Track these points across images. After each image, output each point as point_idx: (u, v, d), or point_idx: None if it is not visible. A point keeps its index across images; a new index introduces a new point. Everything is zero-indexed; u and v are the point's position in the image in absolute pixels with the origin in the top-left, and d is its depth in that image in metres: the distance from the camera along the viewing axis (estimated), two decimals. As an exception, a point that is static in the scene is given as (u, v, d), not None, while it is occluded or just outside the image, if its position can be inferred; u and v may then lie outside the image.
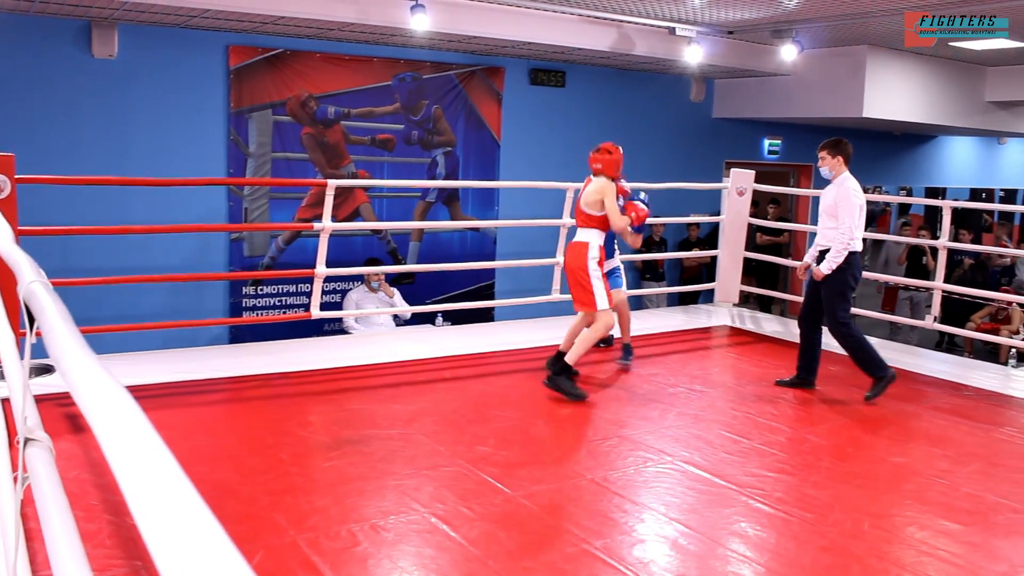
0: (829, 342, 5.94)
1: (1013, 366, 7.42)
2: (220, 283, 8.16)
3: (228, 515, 3.64)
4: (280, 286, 8.45)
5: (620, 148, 5.82)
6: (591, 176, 5.86)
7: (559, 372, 5.59)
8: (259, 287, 8.36)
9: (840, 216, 5.64)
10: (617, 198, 5.79)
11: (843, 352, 7.19)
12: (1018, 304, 9.62)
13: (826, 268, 5.68)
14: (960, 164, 15.23)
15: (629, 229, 5.88)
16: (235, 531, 3.48)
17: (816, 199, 12.92)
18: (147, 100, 7.66)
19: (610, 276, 6.25)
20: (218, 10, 6.77)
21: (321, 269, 6.29)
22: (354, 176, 8.69)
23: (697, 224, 10.73)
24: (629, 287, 10.18)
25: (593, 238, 5.68)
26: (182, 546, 0.75)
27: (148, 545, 0.84)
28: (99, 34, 7.34)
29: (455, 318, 8.27)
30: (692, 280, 10.36)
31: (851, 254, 5.64)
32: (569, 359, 5.59)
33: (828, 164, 5.81)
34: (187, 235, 7.71)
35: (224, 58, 7.95)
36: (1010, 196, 16.11)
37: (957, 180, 15.31)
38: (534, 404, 5.55)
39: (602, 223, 5.70)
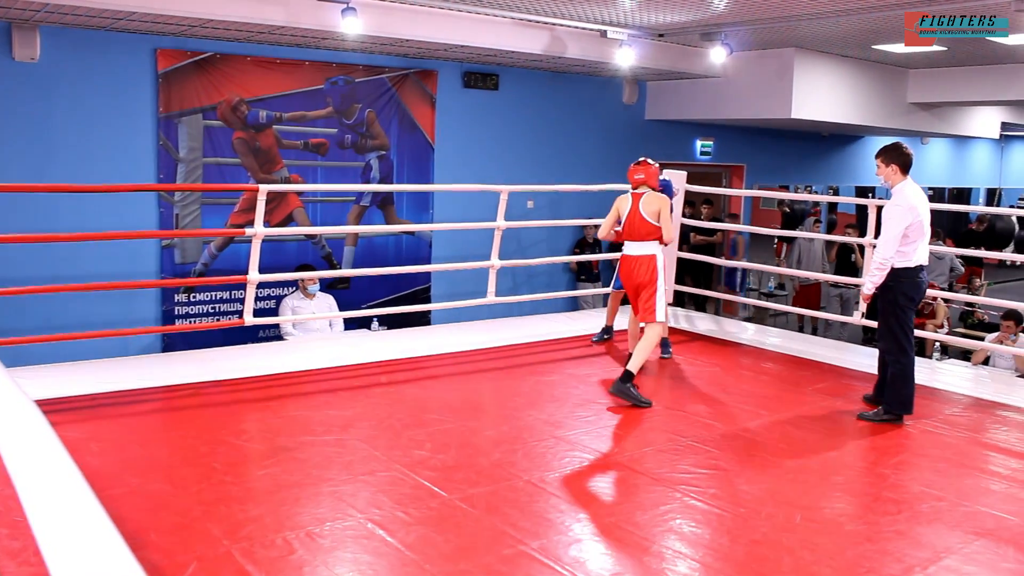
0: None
1: (937, 359, 7.65)
2: (151, 291, 8.01)
3: (160, 527, 3.59)
4: (214, 293, 8.34)
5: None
6: (635, 191, 6.07)
7: (624, 380, 5.62)
8: (192, 294, 8.23)
9: (883, 230, 5.29)
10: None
11: (778, 350, 7.37)
12: (942, 299, 9.89)
13: (867, 289, 5.40)
14: (886, 163, 15.60)
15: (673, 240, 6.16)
16: (167, 542, 3.46)
17: (749, 199, 13.24)
18: (72, 105, 7.49)
19: None
20: (144, 13, 6.64)
21: (254, 275, 6.21)
22: (287, 181, 8.60)
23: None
24: (564, 289, 10.32)
25: (658, 250, 5.95)
26: (81, 559, 0.74)
27: (45, 557, 0.83)
28: (20, 36, 7.15)
29: (391, 322, 8.23)
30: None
31: (904, 270, 5.28)
32: (634, 369, 5.64)
33: (883, 173, 5.40)
34: (117, 242, 7.56)
35: (152, 62, 7.81)
36: (937, 195, 16.56)
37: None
38: (470, 407, 5.57)
39: (660, 234, 5.93)
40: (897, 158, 5.35)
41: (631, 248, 6.00)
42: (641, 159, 6.18)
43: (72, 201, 7.38)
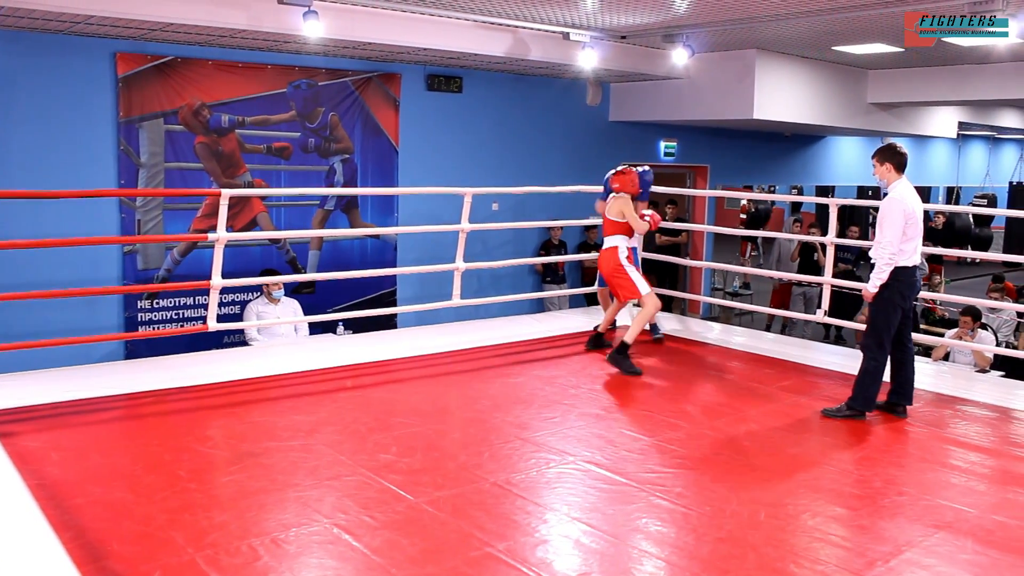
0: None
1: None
2: (114, 297, 7.92)
3: (123, 536, 3.55)
4: (177, 299, 8.26)
5: (634, 170, 6.90)
6: (612, 195, 6.84)
7: (619, 351, 6.43)
8: (155, 300, 8.15)
9: (882, 230, 5.32)
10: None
11: (743, 349, 7.43)
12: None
13: (872, 287, 5.38)
14: (847, 163, 15.81)
15: (646, 229, 6.88)
16: (130, 552, 3.43)
17: (713, 200, 13.34)
18: (30, 109, 7.39)
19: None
20: (102, 16, 6.57)
21: (216, 280, 6.16)
22: (250, 185, 8.54)
23: (595, 227, 10.87)
24: (530, 290, 10.34)
25: (620, 241, 6.74)
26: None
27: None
28: (-24, 42, 7.06)
29: (357, 326, 8.20)
30: (592, 282, 10.45)
31: (902, 269, 5.32)
32: (628, 340, 6.44)
33: (878, 173, 5.48)
34: (77, 249, 7.45)
35: (111, 65, 7.73)
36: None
37: (845, 179, 15.89)
38: (437, 410, 5.56)
39: (625, 229, 6.74)
40: (891, 157, 5.44)
41: (604, 243, 6.84)
42: (620, 168, 6.92)
43: (31, 207, 7.29)
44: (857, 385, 5.51)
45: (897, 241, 5.29)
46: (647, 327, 7.73)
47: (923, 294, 10.11)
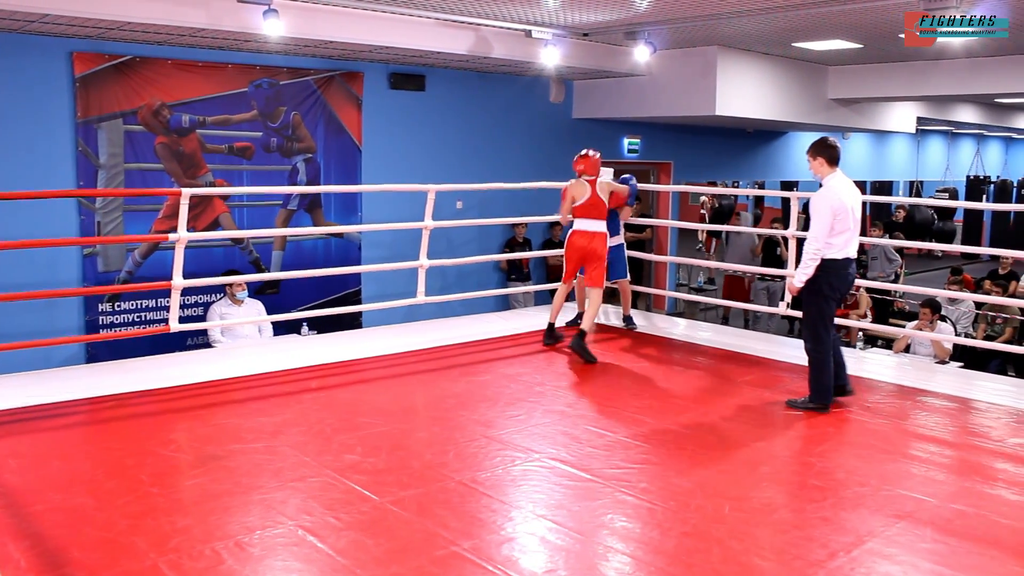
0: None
1: (861, 348, 7.83)
2: (74, 300, 7.81)
3: (83, 543, 3.51)
4: (139, 301, 8.16)
5: (592, 154, 7.03)
6: (581, 179, 6.95)
7: (580, 338, 6.71)
8: (116, 303, 8.05)
9: (811, 222, 5.40)
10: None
11: (708, 344, 7.48)
12: (865, 290, 10.13)
13: (797, 281, 5.45)
14: (809, 158, 15.93)
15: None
16: (91, 559, 3.40)
17: (676, 196, 13.40)
18: (-16, 111, 7.29)
19: (617, 250, 7.72)
20: (58, 15, 6.48)
21: (178, 280, 6.09)
22: (212, 186, 8.46)
23: (560, 224, 10.88)
24: (495, 287, 10.35)
25: (606, 228, 6.96)
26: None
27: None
28: (-72, 42, 6.94)
29: (322, 326, 8.15)
30: (557, 279, 10.44)
31: (831, 261, 5.39)
32: (586, 328, 6.77)
33: (812, 167, 5.56)
34: (35, 251, 7.33)
35: (68, 65, 7.62)
36: (860, 188, 16.92)
37: (808, 174, 15.97)
38: (402, 410, 5.54)
39: (606, 213, 6.95)
40: (823, 151, 5.51)
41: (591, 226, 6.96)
42: (584, 151, 7.03)
43: (-13, 210, 7.17)
44: (810, 380, 5.58)
45: (824, 236, 5.36)
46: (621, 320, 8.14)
47: (884, 285, 10.28)
